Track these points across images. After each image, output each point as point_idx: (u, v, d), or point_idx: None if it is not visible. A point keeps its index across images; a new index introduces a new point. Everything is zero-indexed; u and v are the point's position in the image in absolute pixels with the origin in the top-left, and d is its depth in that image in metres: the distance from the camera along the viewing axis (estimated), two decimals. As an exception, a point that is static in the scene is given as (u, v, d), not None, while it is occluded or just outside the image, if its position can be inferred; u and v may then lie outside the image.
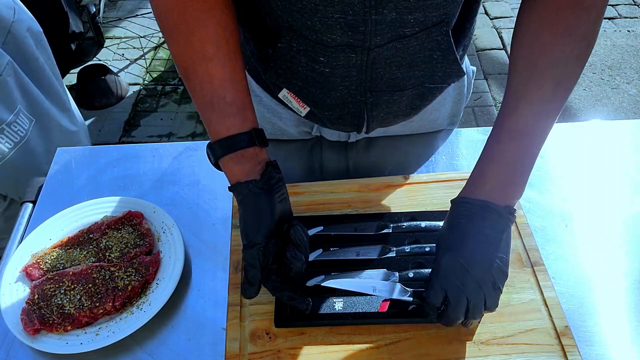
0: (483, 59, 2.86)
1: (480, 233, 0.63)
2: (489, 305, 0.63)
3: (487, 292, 0.62)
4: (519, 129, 0.65)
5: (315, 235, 0.78)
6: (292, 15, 0.65)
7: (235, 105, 0.67)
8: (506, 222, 0.65)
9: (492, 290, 0.63)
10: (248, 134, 0.67)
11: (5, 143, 1.36)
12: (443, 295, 0.63)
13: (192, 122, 2.52)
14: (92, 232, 0.83)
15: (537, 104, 0.64)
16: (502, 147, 0.66)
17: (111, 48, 2.96)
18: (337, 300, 0.71)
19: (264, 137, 0.69)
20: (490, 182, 0.66)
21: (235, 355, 0.68)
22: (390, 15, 0.63)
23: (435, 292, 0.63)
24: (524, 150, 0.66)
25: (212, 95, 0.66)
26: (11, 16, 1.38)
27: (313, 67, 0.71)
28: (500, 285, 0.63)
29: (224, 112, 0.66)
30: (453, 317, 0.63)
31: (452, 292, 0.62)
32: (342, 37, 0.65)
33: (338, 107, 0.77)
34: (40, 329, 0.71)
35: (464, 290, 0.61)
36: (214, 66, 0.65)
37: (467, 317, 0.63)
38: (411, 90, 0.76)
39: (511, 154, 0.65)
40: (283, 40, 0.69)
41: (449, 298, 0.62)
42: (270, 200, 0.65)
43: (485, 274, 0.62)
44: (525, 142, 0.65)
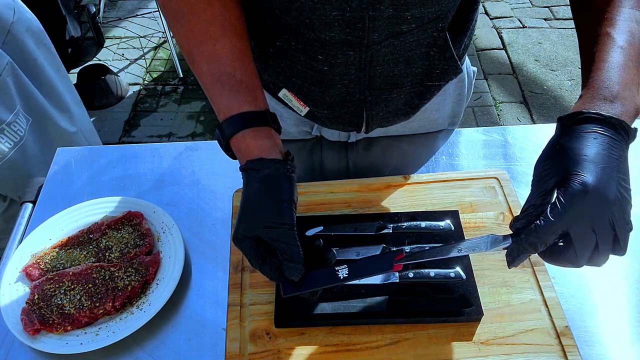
0: (483, 59, 2.86)
1: (618, 160, 0.52)
2: (622, 247, 0.52)
3: (620, 232, 0.52)
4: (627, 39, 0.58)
5: (315, 236, 0.78)
6: (291, 14, 0.65)
7: (245, 84, 0.63)
8: (628, 145, 0.55)
9: (626, 230, 0.52)
10: (263, 113, 0.63)
11: (5, 143, 1.36)
12: (560, 233, 0.52)
13: (192, 122, 2.52)
14: (92, 232, 0.83)
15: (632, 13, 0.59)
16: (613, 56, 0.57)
17: (111, 48, 2.96)
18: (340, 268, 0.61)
19: (277, 122, 0.66)
20: (621, 98, 0.55)
21: (235, 355, 0.68)
22: (387, 12, 0.63)
23: (554, 228, 0.51)
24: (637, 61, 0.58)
25: (220, 73, 0.63)
26: (11, 16, 1.38)
27: (312, 65, 0.71)
28: (631, 223, 0.53)
29: (234, 89, 0.63)
30: (575, 258, 0.52)
31: (580, 234, 0.51)
32: (340, 34, 0.66)
33: (337, 106, 0.77)
34: (40, 329, 0.71)
35: (595, 229, 0.51)
36: (222, 45, 0.63)
37: (589, 263, 0.53)
38: (409, 87, 0.76)
39: (625, 62, 0.57)
40: (282, 39, 0.69)
41: (574, 237, 0.51)
42: (292, 183, 0.61)
43: (623, 212, 0.51)
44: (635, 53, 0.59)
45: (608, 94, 0.55)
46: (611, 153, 0.52)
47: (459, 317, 0.70)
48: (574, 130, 0.54)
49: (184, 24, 0.65)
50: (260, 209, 0.59)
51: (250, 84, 0.64)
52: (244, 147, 0.62)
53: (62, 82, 1.62)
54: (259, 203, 0.59)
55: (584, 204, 0.50)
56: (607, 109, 0.54)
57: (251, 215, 0.59)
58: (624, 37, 0.58)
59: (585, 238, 0.51)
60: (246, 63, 0.65)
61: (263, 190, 0.59)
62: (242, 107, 0.62)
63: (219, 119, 0.64)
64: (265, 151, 0.61)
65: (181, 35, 0.66)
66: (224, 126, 0.62)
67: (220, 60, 0.63)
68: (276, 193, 0.59)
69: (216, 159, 0.97)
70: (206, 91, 0.65)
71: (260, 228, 0.59)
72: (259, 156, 0.60)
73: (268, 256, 0.60)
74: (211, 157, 0.98)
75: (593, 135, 0.53)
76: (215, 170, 0.96)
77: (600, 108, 0.54)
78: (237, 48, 0.64)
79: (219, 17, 0.63)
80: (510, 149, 0.97)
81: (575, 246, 0.52)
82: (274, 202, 0.59)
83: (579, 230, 0.51)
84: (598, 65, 0.58)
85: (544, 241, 0.52)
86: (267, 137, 0.62)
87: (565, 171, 0.52)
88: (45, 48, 1.53)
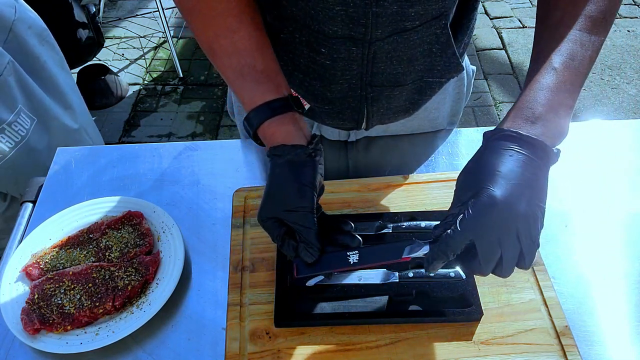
0: (483, 59, 2.86)
1: (531, 178, 0.54)
2: (527, 262, 0.55)
3: (525, 247, 0.54)
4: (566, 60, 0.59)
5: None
6: (297, 5, 0.66)
7: (266, 74, 0.65)
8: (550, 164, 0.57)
9: (532, 245, 0.54)
10: (285, 99, 0.65)
11: (5, 142, 1.36)
12: (467, 243, 0.54)
13: (192, 122, 2.52)
14: (92, 232, 0.83)
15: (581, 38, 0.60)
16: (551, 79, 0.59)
17: (111, 48, 2.96)
18: (352, 253, 0.62)
19: (301, 104, 0.68)
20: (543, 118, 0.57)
21: (235, 355, 0.68)
22: (391, 8, 0.63)
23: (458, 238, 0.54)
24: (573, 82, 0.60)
25: (242, 65, 0.65)
26: (12, 14, 1.38)
27: (314, 58, 0.71)
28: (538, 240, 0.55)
29: (256, 79, 0.65)
30: (479, 268, 0.55)
31: (484, 245, 0.53)
32: (343, 29, 0.66)
33: (338, 102, 0.78)
34: (40, 328, 0.71)
35: (500, 242, 0.53)
36: (240, 37, 0.65)
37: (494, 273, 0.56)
38: (411, 85, 0.76)
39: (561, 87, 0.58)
40: (286, 31, 0.70)
41: (479, 248, 0.54)
42: (314, 167, 0.63)
43: (530, 227, 0.54)
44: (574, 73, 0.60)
45: (530, 114, 0.57)
46: (525, 171, 0.54)
47: (459, 317, 0.70)
48: (493, 147, 0.56)
49: (200, 19, 0.66)
50: (280, 192, 0.62)
51: (271, 72, 0.66)
52: (269, 135, 0.64)
53: (66, 79, 1.62)
54: (280, 187, 0.62)
55: (490, 216, 0.53)
56: (527, 129, 0.56)
57: (273, 198, 0.63)
58: (561, 59, 0.59)
59: (489, 249, 0.54)
60: (265, 51, 0.66)
61: (284, 175, 0.62)
62: (265, 96, 0.64)
63: (245, 110, 0.66)
64: (290, 137, 0.63)
65: (199, 30, 0.67)
66: (251, 117, 0.65)
67: (240, 53, 0.65)
68: (297, 177, 0.62)
69: (216, 159, 0.97)
70: (229, 84, 0.67)
71: (281, 211, 0.62)
72: (282, 142, 0.63)
73: (287, 237, 0.62)
74: (211, 157, 0.98)
75: (510, 152, 0.55)
76: (215, 170, 0.96)
77: (520, 127, 0.56)
78: (255, 38, 0.66)
79: (234, 8, 0.65)
80: (510, 149, 0.96)
81: (479, 257, 0.54)
82: (293, 186, 0.61)
83: (484, 241, 0.53)
84: (528, 85, 0.60)
85: (453, 250, 0.55)
86: (291, 123, 0.64)
87: (479, 185, 0.54)
88: (48, 45, 1.52)
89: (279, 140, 0.63)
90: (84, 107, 1.75)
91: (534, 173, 0.55)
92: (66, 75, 1.63)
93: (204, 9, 0.65)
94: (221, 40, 0.65)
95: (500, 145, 0.56)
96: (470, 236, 0.54)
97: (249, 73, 0.65)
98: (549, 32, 0.62)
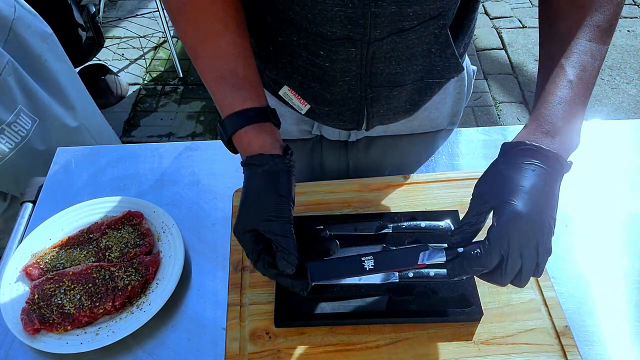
0: (483, 59, 2.86)
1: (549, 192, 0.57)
2: (540, 271, 0.57)
3: (542, 258, 0.56)
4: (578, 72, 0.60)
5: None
6: (293, 8, 0.66)
7: (248, 81, 0.66)
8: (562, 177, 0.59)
9: (546, 256, 0.57)
10: (264, 109, 0.65)
11: (5, 143, 1.36)
12: (500, 258, 0.55)
13: (192, 122, 2.52)
14: (92, 232, 0.83)
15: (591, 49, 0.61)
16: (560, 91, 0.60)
17: (111, 48, 2.96)
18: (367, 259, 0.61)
19: (278, 118, 0.68)
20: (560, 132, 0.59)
21: (235, 355, 0.68)
22: (390, 9, 0.63)
23: (493, 254, 0.55)
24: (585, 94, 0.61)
25: (223, 69, 0.65)
26: (12, 14, 1.38)
27: (313, 61, 0.71)
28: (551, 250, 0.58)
29: (237, 85, 0.65)
30: (500, 280, 0.57)
31: (511, 256, 0.55)
32: (341, 30, 0.66)
33: (338, 103, 0.77)
34: (40, 328, 0.71)
35: (522, 255, 0.55)
36: (225, 42, 0.65)
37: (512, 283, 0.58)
38: (410, 85, 0.76)
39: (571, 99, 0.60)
40: (284, 34, 0.70)
41: (506, 261, 0.55)
42: (289, 179, 0.63)
43: (546, 239, 0.56)
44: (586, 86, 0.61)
45: (550, 128, 0.59)
46: (545, 185, 0.56)
47: (459, 317, 0.70)
48: (514, 160, 0.58)
49: (187, 21, 0.66)
50: (258, 203, 0.61)
51: (252, 81, 0.66)
52: (246, 143, 0.64)
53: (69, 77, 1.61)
54: (258, 197, 0.62)
55: (516, 230, 0.55)
56: (547, 143, 0.58)
57: (250, 209, 0.62)
58: (575, 72, 0.60)
59: (514, 262, 0.55)
60: (248, 60, 0.67)
61: (263, 185, 0.62)
62: (244, 103, 0.64)
63: (221, 114, 0.66)
64: (267, 147, 0.63)
65: (185, 32, 0.67)
66: (227, 122, 0.64)
67: (223, 57, 0.65)
68: (275, 187, 0.62)
69: (216, 159, 0.98)
70: (209, 87, 0.67)
71: (260, 222, 0.60)
72: (260, 152, 0.62)
73: (264, 253, 0.61)
74: (211, 157, 0.98)
75: (532, 167, 0.57)
76: (215, 170, 0.96)
77: (541, 142, 0.58)
78: (239, 45, 0.66)
79: (221, 13, 0.65)
80: (510, 149, 0.96)
81: (504, 269, 0.55)
82: (272, 196, 0.61)
83: (510, 256, 0.55)
84: (546, 98, 0.61)
85: (487, 266, 0.56)
86: (268, 133, 0.64)
87: (501, 198, 0.56)
88: (50, 43, 1.52)
89: (255, 149, 0.63)
90: (87, 106, 1.74)
91: (551, 186, 0.57)
92: (70, 74, 1.63)
93: (193, 11, 0.65)
94: (206, 43, 0.66)
95: (522, 159, 0.57)
96: (502, 251, 0.55)
97: (230, 78, 0.65)
98: (559, 41, 0.63)
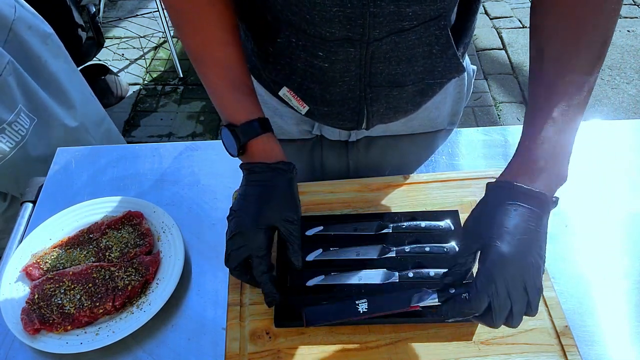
0: (483, 59, 2.86)
1: (534, 231, 0.57)
2: (533, 310, 0.58)
3: (532, 297, 0.57)
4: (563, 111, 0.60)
5: (315, 235, 0.78)
6: (291, 9, 0.66)
7: (252, 89, 0.71)
8: (549, 213, 0.60)
9: (537, 295, 0.58)
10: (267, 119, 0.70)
11: (6, 143, 1.36)
12: (488, 301, 0.57)
13: (192, 122, 2.52)
14: (92, 232, 0.83)
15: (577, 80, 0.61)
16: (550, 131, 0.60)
17: (111, 48, 2.96)
18: (361, 302, 0.64)
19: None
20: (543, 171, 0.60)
21: (235, 355, 0.68)
22: (388, 8, 0.63)
23: (481, 298, 0.56)
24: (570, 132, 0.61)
25: (234, 78, 0.69)
26: (12, 14, 1.38)
27: (312, 62, 0.71)
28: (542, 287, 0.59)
29: (247, 93, 0.70)
30: (492, 322, 0.58)
31: (498, 300, 0.56)
32: (340, 30, 0.66)
33: (337, 103, 0.77)
34: (40, 328, 0.71)
35: (510, 296, 0.56)
36: (232, 52, 0.69)
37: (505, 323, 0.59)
38: (411, 86, 0.76)
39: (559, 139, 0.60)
40: (282, 36, 0.70)
41: (493, 304, 0.56)
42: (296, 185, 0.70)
43: (535, 278, 0.57)
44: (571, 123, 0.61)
45: (534, 168, 0.60)
46: (529, 224, 0.57)
47: (459, 317, 0.70)
48: (498, 200, 0.60)
49: (193, 30, 0.70)
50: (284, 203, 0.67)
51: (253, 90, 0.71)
52: (268, 149, 0.70)
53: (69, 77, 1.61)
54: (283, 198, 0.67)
55: (501, 273, 0.56)
56: (530, 182, 0.59)
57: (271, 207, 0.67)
58: (561, 109, 0.61)
59: (503, 304, 0.56)
60: (247, 68, 0.71)
61: (289, 188, 0.68)
62: (259, 112, 0.70)
63: (232, 121, 0.70)
64: (282, 155, 0.70)
65: (190, 40, 0.71)
66: (242, 129, 0.68)
67: (232, 66, 0.69)
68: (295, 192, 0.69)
69: (216, 159, 0.98)
70: (216, 93, 0.71)
71: (280, 220, 0.66)
72: (282, 159, 0.69)
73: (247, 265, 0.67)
74: (211, 157, 0.98)
75: (514, 207, 0.58)
76: (215, 170, 0.96)
77: (524, 181, 0.59)
78: (241, 54, 0.71)
79: (225, 24, 0.69)
80: (510, 149, 0.96)
81: (493, 312, 0.56)
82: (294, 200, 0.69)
83: (498, 298, 0.56)
84: (530, 136, 0.62)
85: (477, 310, 0.57)
86: (278, 142, 0.71)
87: (487, 240, 0.58)
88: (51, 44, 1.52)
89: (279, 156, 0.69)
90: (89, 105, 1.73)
91: (535, 224, 0.58)
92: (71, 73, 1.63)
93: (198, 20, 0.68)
94: (214, 52, 0.69)
95: (505, 199, 0.59)
96: (489, 294, 0.56)
97: (241, 86, 0.70)
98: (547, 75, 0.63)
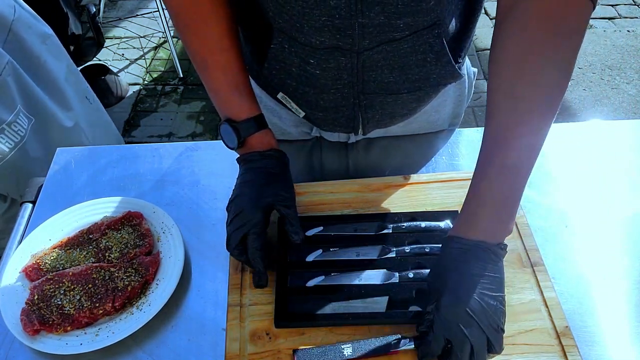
0: (483, 59, 2.86)
1: (480, 275, 0.62)
2: (496, 348, 0.62)
3: (490, 336, 0.61)
4: (509, 164, 0.62)
5: (315, 236, 0.78)
6: (283, 17, 0.66)
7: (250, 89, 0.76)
8: (501, 260, 0.64)
9: (496, 333, 0.61)
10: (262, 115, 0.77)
11: (5, 143, 1.36)
12: (444, 343, 0.61)
13: (192, 122, 2.52)
14: (91, 232, 0.83)
15: (526, 136, 0.62)
16: (492, 184, 0.64)
17: (111, 48, 2.96)
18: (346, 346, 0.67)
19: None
20: (483, 221, 0.64)
21: (235, 355, 0.68)
22: (378, 19, 0.63)
23: (437, 340, 0.61)
24: (515, 186, 0.64)
25: (237, 81, 0.74)
26: (11, 14, 1.38)
27: (305, 68, 0.71)
28: (503, 326, 0.62)
29: (249, 94, 0.76)
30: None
31: (456, 340, 0.60)
32: (330, 39, 0.65)
33: (332, 110, 0.77)
34: (40, 329, 0.71)
35: (468, 337, 0.60)
36: (232, 56, 0.73)
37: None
38: (406, 94, 0.75)
39: (502, 191, 0.63)
40: (275, 42, 0.70)
41: (453, 345, 0.60)
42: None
43: (489, 318, 0.61)
44: (516, 177, 0.63)
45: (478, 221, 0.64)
46: (473, 270, 0.62)
47: (459, 317, 0.70)
48: (448, 252, 0.65)
49: (194, 34, 0.73)
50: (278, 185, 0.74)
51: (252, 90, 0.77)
52: (266, 142, 0.76)
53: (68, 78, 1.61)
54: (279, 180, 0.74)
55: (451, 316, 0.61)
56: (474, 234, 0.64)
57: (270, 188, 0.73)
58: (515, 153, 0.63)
59: (460, 343, 0.60)
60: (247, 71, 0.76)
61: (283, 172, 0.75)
62: (257, 110, 0.76)
63: (234, 118, 0.74)
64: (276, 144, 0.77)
65: (193, 44, 0.74)
66: (244, 125, 0.74)
67: (234, 70, 0.74)
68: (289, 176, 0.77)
69: (216, 159, 0.97)
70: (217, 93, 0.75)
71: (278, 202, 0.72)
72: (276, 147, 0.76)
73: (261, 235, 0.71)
74: (211, 157, 0.98)
75: (460, 258, 0.63)
76: (215, 170, 0.96)
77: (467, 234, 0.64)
78: (241, 57, 0.74)
79: (226, 29, 0.72)
80: (510, 149, 0.96)
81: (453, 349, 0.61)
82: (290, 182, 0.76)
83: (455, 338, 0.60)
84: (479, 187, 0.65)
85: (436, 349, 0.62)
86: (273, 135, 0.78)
87: (438, 289, 0.63)
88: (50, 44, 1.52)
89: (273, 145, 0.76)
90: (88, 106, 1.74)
91: (484, 269, 0.62)
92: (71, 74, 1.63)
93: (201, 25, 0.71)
94: (217, 56, 0.73)
95: (452, 252, 0.64)
96: (444, 335, 0.61)
97: (243, 88, 0.75)
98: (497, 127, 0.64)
